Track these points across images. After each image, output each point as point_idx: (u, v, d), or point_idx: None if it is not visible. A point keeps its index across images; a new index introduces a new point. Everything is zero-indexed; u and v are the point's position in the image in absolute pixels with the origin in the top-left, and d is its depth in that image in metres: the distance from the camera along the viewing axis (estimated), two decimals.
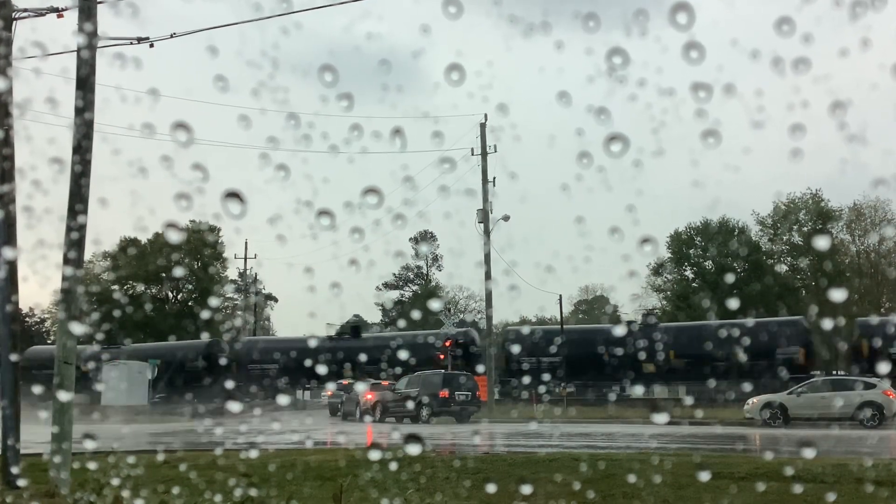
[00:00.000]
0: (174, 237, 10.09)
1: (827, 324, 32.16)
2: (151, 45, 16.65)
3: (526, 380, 42.53)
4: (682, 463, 12.17)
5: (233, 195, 4.10)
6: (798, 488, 9.54)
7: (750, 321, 40.89)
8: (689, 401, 35.53)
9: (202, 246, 72.07)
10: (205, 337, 57.81)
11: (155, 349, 54.47)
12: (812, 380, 28.89)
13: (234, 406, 26.16)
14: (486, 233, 41.08)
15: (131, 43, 16.08)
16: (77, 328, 10.13)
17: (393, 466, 9.08)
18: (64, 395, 9.85)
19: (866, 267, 63.79)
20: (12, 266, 10.52)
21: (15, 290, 10.64)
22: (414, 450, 5.55)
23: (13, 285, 10.55)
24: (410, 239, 77.39)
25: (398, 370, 41.33)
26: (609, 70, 4.33)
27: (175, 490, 8.29)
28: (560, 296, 46.34)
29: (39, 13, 15.09)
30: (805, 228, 63.08)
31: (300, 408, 47.47)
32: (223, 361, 53.50)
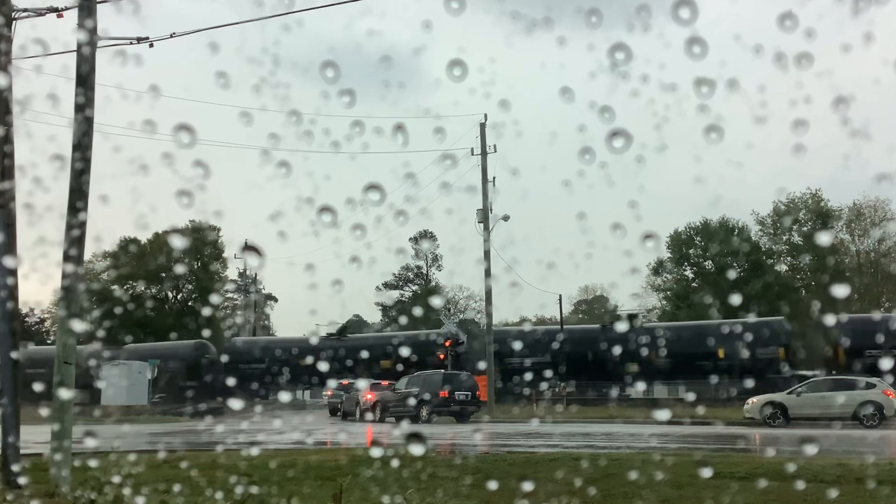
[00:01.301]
0: (178, 243, 10.09)
1: None
2: (151, 45, 16.66)
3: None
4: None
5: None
6: (799, 487, 9.54)
7: None
8: None
9: (202, 245, 72.07)
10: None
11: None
12: (812, 379, 28.87)
13: None
14: (486, 230, 41.09)
15: (131, 43, 16.09)
16: (77, 326, 10.12)
17: (392, 467, 9.07)
18: (64, 394, 9.84)
19: (866, 266, 63.81)
20: (12, 264, 10.51)
21: (15, 288, 10.62)
22: (416, 449, 5.54)
23: (14, 283, 10.54)
24: (410, 239, 77.45)
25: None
26: (611, 66, 4.32)
27: (176, 488, 8.28)
28: (560, 296, 46.38)
29: (39, 13, 15.09)
30: (805, 228, 63.11)
31: (299, 407, 47.44)
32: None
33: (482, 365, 40.22)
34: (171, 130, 4.46)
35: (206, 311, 63.38)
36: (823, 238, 45.09)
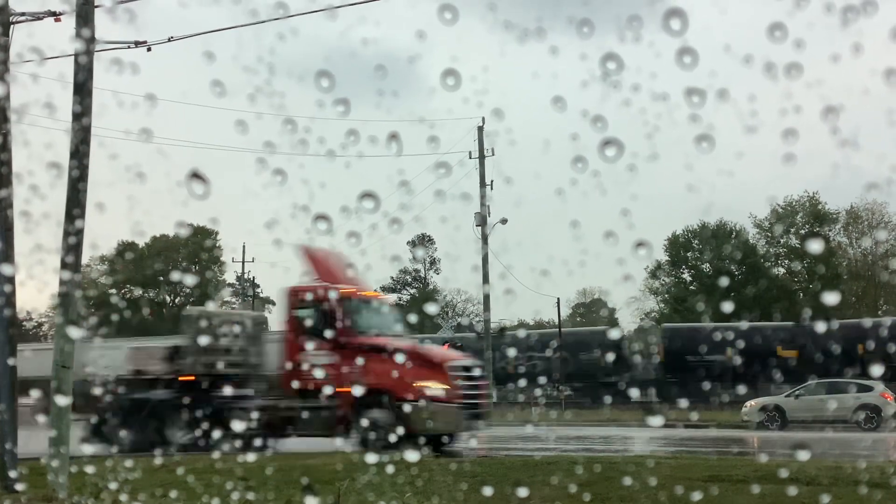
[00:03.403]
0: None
1: None
2: (149, 49, 16.70)
3: None
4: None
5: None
6: (796, 491, 9.57)
7: None
8: None
9: (200, 250, 72.09)
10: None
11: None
12: (809, 383, 28.93)
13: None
14: (484, 236, 41.10)
15: (129, 47, 16.13)
16: (75, 332, 10.15)
17: (389, 471, 9.08)
18: (62, 399, 9.86)
19: (863, 270, 63.89)
20: (10, 271, 10.54)
21: (13, 295, 10.65)
22: (412, 455, 5.57)
23: (11, 290, 10.57)
24: (408, 242, 77.38)
25: None
26: (603, 75, 4.36)
27: (172, 494, 8.30)
28: (558, 299, 46.44)
29: (37, 17, 15.12)
30: (802, 231, 63.19)
31: None
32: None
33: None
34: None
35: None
36: (814, 246, 44.74)
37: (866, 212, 63.45)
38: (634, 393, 39.85)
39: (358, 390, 15.80)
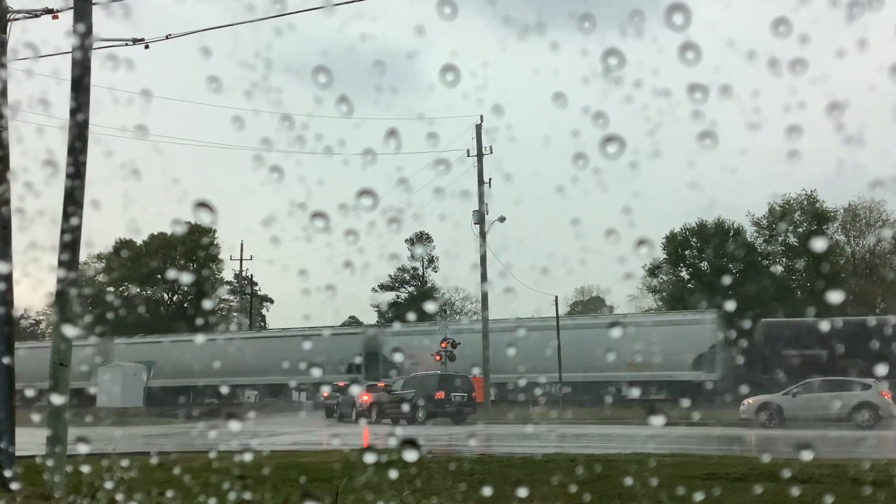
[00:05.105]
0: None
1: None
2: (147, 47, 16.62)
3: None
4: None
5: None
6: (794, 489, 9.54)
7: None
8: None
9: (197, 248, 72.00)
10: None
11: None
12: (807, 381, 28.86)
13: None
14: (482, 234, 41.06)
15: (126, 44, 16.04)
16: (71, 331, 10.09)
17: (389, 468, 9.04)
18: (58, 399, 9.80)
19: (861, 268, 63.88)
20: (7, 269, 10.48)
21: (9, 293, 10.59)
22: (410, 455, 5.52)
23: (8, 288, 10.51)
24: (406, 240, 77.29)
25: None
26: (605, 71, 4.31)
27: (169, 493, 8.25)
28: (556, 297, 46.43)
29: (35, 14, 15.04)
30: (800, 229, 63.16)
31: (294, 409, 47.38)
32: None
33: None
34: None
35: (205, 306, 62.84)
36: (818, 244, 44.47)
37: (864, 210, 63.48)
38: None
39: None
